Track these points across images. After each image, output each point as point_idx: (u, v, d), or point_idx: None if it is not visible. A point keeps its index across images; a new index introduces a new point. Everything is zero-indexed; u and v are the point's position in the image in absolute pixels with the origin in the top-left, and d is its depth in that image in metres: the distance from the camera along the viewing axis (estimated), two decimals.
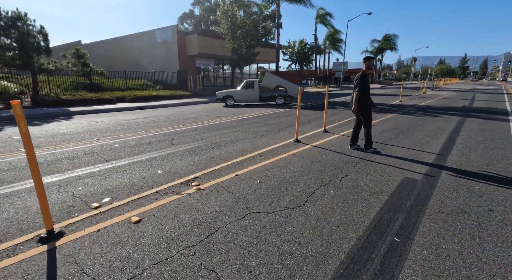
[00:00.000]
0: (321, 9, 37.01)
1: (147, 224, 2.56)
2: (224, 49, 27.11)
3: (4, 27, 13.54)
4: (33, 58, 14.46)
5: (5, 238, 2.35)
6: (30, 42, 14.07)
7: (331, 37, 40.82)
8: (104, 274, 1.90)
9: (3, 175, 3.83)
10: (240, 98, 13.98)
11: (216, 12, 64.83)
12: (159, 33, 26.16)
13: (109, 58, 30.33)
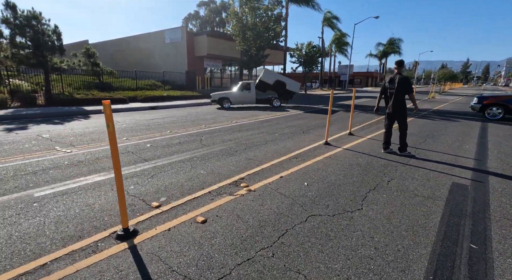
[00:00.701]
0: (328, 13, 37.21)
1: (214, 224, 2.59)
2: (232, 51, 27.21)
3: (20, 26, 13.65)
4: (47, 57, 14.56)
5: (82, 234, 2.39)
6: (44, 41, 14.17)
7: (337, 41, 40.99)
8: (193, 273, 1.93)
9: (52, 173, 3.86)
10: (237, 100, 13.59)
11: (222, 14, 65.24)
12: (168, 34, 26.29)
13: (116, 58, 30.48)
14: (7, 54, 14.54)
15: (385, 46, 57.71)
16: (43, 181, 3.58)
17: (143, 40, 28.53)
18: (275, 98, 14.31)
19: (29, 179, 3.62)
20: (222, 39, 26.11)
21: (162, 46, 26.77)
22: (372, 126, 8.29)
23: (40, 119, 9.56)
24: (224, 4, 66.11)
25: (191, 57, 25.46)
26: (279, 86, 14.43)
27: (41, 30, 14.20)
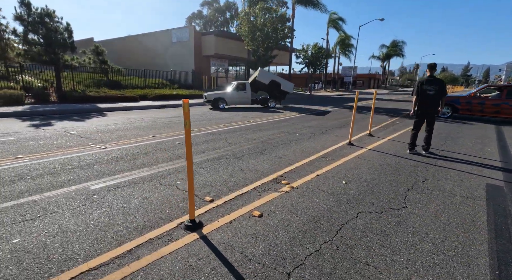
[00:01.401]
0: (334, 14, 37.35)
1: (271, 218, 2.73)
2: (238, 51, 27.36)
3: (33, 23, 13.74)
4: (59, 54, 14.67)
5: (152, 224, 2.53)
6: (56, 38, 14.27)
7: (342, 42, 41.16)
8: (269, 262, 2.06)
9: (97, 168, 3.99)
10: (232, 100, 13.26)
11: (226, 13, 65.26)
12: (176, 33, 26.41)
13: (121, 56, 30.53)
14: (19, 51, 14.66)
15: (388, 48, 57.91)
16: (93, 175, 3.71)
17: (149, 38, 28.64)
18: (270, 99, 14.16)
19: (79, 173, 3.75)
20: (229, 39, 26.24)
21: (169, 45, 26.88)
22: (388, 128, 8.44)
23: (58, 116, 9.68)
24: (228, 4, 66.32)
25: (198, 56, 25.59)
26: (274, 86, 14.33)
27: (54, 27, 14.31)
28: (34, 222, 2.51)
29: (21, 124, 7.40)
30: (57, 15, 14.49)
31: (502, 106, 9.75)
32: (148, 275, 1.90)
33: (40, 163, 4.15)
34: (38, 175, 3.64)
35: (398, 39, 56.94)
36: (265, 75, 14.21)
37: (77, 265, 1.97)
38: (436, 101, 5.08)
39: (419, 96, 5.32)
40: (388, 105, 17.35)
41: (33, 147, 5.04)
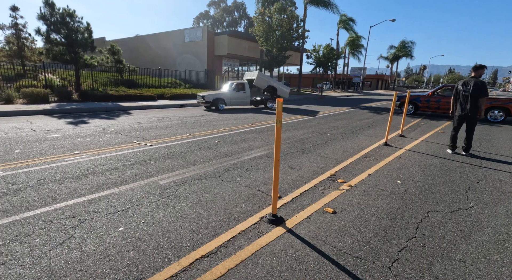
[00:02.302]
0: (344, 15, 37.31)
1: (345, 215, 2.81)
2: (251, 51, 27.48)
3: (56, 23, 14.03)
4: (79, 53, 14.95)
5: (235, 217, 2.64)
6: (77, 38, 14.54)
7: (352, 43, 41.04)
8: (366, 256, 2.14)
9: (155, 164, 4.12)
10: (231, 101, 12.75)
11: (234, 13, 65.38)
12: (188, 33, 26.63)
13: (132, 55, 30.88)
14: (41, 50, 14.98)
15: (397, 49, 57.46)
16: (154, 171, 3.84)
17: (162, 38, 28.92)
18: (269, 100, 13.85)
19: (141, 169, 3.89)
20: (242, 39, 26.38)
21: (182, 45, 27.12)
22: (416, 129, 8.45)
23: (86, 114, 9.90)
24: (236, 4, 66.58)
25: (210, 56, 25.78)
26: (270, 91, 14.08)
27: (75, 27, 14.59)
28: (127, 212, 2.64)
29: (58, 122, 7.60)
30: (77, 15, 14.77)
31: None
32: (257, 264, 2.00)
33: (99, 158, 4.30)
34: (105, 170, 3.79)
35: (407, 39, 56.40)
36: (263, 80, 13.73)
37: (189, 252, 2.09)
38: (473, 102, 5.08)
39: (456, 97, 5.37)
40: None
41: (84, 143, 5.20)
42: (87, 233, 2.30)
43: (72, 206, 2.74)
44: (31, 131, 6.15)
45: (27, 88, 12.15)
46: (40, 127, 6.67)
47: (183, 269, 1.92)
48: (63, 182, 3.30)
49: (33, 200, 2.82)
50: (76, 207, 2.73)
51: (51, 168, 3.75)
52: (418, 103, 12.13)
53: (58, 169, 3.73)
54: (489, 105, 10.44)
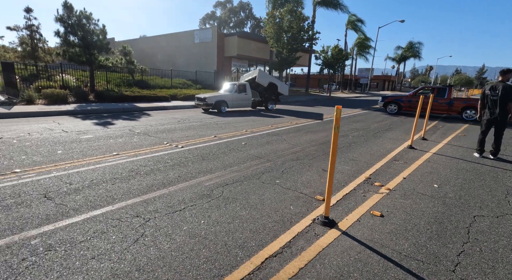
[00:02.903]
0: (353, 16, 37.19)
1: (393, 218, 2.89)
2: (260, 51, 27.61)
3: (73, 25, 14.32)
4: (94, 55, 15.24)
5: (288, 219, 2.74)
6: (93, 40, 14.81)
7: (360, 44, 40.90)
8: (427, 259, 2.21)
9: (192, 165, 4.24)
10: (234, 104, 12.28)
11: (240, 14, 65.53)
12: (198, 34, 26.87)
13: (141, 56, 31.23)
14: (58, 51, 15.30)
15: (404, 49, 57.02)
16: (194, 172, 3.96)
17: (171, 39, 29.21)
18: (270, 101, 13.51)
19: (181, 170, 4.01)
20: (251, 40, 26.52)
21: (191, 46, 27.36)
22: (435, 132, 8.45)
23: (106, 115, 10.10)
24: (242, 5, 66.82)
25: (220, 57, 25.96)
26: (271, 88, 13.69)
27: (91, 30, 14.87)
28: (184, 212, 2.76)
29: (84, 123, 7.80)
30: (93, 18, 15.04)
31: (434, 104, 11.41)
32: (324, 265, 2.10)
33: (138, 160, 4.44)
34: (148, 171, 3.92)
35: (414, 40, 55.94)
36: (264, 77, 13.52)
37: (257, 251, 2.20)
38: (502, 107, 5.10)
39: (484, 101, 5.39)
40: None
41: (118, 145, 5.36)
42: (155, 231, 2.42)
43: (132, 206, 2.87)
44: (63, 132, 6.34)
45: (47, 89, 12.43)
46: (69, 128, 6.86)
47: (257, 268, 2.03)
48: (114, 182, 3.44)
49: (94, 199, 2.96)
50: (136, 206, 2.86)
51: (98, 169, 3.90)
52: (401, 103, 12.94)
53: (105, 170, 3.87)
54: (464, 105, 11.57)
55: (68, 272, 1.90)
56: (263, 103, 13.57)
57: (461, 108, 11.64)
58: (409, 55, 57.18)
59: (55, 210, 2.71)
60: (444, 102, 11.82)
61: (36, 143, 5.18)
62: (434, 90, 12.33)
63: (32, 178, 3.44)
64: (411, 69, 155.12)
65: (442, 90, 12.06)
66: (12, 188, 3.13)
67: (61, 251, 2.10)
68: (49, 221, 2.50)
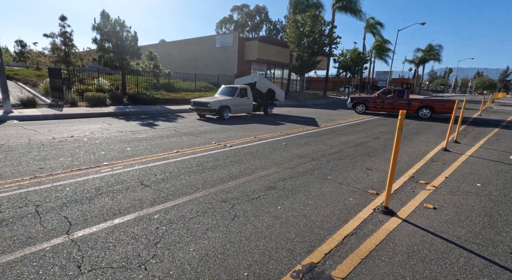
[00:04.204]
0: (371, 19, 37.05)
1: (445, 211, 3.22)
2: (280, 55, 28.12)
3: (108, 33, 15.39)
4: (127, 60, 16.27)
5: (352, 208, 3.15)
6: (125, 46, 15.83)
7: (378, 47, 40.58)
8: (485, 242, 2.55)
9: (248, 162, 4.74)
10: (236, 109, 11.42)
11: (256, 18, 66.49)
12: (219, 39, 27.79)
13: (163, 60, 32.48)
14: (95, 57, 16.47)
15: (424, 52, 55.71)
16: (252, 168, 4.45)
17: (192, 44, 30.32)
18: (269, 105, 13.10)
19: (241, 166, 4.51)
20: (271, 44, 27.12)
21: (212, 50, 28.30)
22: (466, 135, 8.54)
23: (144, 116, 10.88)
24: (258, 9, 67.93)
25: (240, 61, 26.71)
26: (269, 94, 13.22)
27: (124, 36, 15.92)
28: (260, 200, 3.24)
29: (131, 124, 8.55)
30: (126, 25, 16.09)
31: (395, 104, 13.38)
32: (395, 243, 2.49)
33: (199, 156, 4.99)
34: (214, 166, 4.45)
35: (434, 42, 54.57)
36: (263, 83, 12.86)
37: (335, 231, 2.63)
38: None
39: None
40: None
41: (173, 143, 5.95)
42: (244, 213, 2.91)
43: (215, 193, 3.38)
44: (118, 132, 7.05)
45: (89, 93, 13.49)
46: (122, 129, 7.59)
47: (340, 243, 2.45)
48: (190, 175, 3.98)
49: (181, 187, 3.50)
50: (218, 194, 3.37)
51: (169, 163, 4.47)
52: (367, 103, 14.18)
53: (176, 165, 4.44)
54: (420, 105, 12.96)
55: (195, 237, 2.41)
56: (262, 108, 13.08)
57: (418, 108, 13.08)
58: (429, 57, 55.84)
59: (156, 194, 3.27)
60: (404, 103, 13.31)
61: (104, 141, 5.88)
62: (395, 92, 13.80)
63: (122, 169, 4.05)
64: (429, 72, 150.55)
65: (401, 92, 13.64)
66: (112, 177, 3.74)
67: (180, 223, 2.62)
68: (157, 203, 3.05)
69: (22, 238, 2.25)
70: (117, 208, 2.89)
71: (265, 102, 13.09)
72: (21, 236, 2.28)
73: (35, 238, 2.25)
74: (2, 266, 1.93)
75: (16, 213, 2.63)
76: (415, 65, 60.11)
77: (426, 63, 59.09)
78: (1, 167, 3.95)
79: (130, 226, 2.54)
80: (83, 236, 2.34)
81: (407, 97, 13.36)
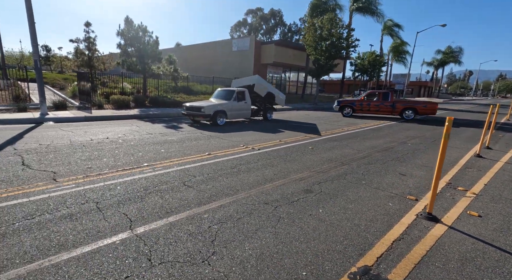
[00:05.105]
0: (390, 21, 36.36)
1: (492, 219, 3.16)
2: (296, 58, 28.17)
3: (131, 38, 16.02)
4: (148, 64, 16.85)
5: (394, 213, 3.16)
6: (147, 50, 16.40)
7: (395, 49, 39.73)
8: None
9: (278, 165, 4.83)
10: (233, 114, 10.30)
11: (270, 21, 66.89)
12: (236, 42, 28.23)
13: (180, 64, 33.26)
14: (118, 61, 17.18)
15: (444, 54, 53.87)
16: (286, 171, 4.53)
17: (209, 47, 30.94)
18: (269, 110, 12.07)
19: (273, 169, 4.61)
20: (288, 47, 27.24)
21: (229, 54, 28.77)
22: (497, 141, 8.21)
23: (167, 118, 11.25)
24: (273, 12, 68.41)
25: (257, 64, 26.97)
26: (268, 98, 12.01)
27: (146, 41, 16.51)
28: (300, 202, 3.32)
29: (158, 126, 8.88)
30: (148, 30, 16.67)
31: (380, 106, 13.90)
32: (445, 249, 2.48)
33: (231, 159, 5.14)
34: (246, 169, 4.58)
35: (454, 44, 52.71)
36: (262, 85, 11.70)
37: (382, 235, 2.66)
38: None
39: None
40: (466, 116, 16.41)
41: (204, 146, 6.15)
42: (288, 215, 2.99)
43: (256, 195, 3.49)
44: (148, 134, 7.36)
45: (115, 96, 14.10)
46: (150, 131, 7.90)
47: (389, 247, 2.48)
48: (227, 177, 4.12)
49: (222, 189, 3.64)
50: (258, 196, 3.48)
51: (205, 165, 4.64)
52: (354, 106, 14.48)
53: (211, 167, 4.60)
54: (404, 106, 13.57)
55: (247, 236, 2.52)
56: (261, 112, 12.07)
57: (402, 110, 13.63)
58: (449, 60, 53.95)
59: (200, 195, 3.42)
60: (389, 105, 13.76)
61: (138, 143, 6.16)
62: (380, 95, 14.20)
63: (162, 170, 4.25)
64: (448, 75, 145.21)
65: (386, 95, 14.06)
66: (155, 177, 3.94)
67: (230, 223, 2.75)
68: (203, 203, 3.19)
69: (93, 232, 2.44)
70: (168, 206, 3.05)
71: (264, 107, 12.06)
72: (91, 229, 2.48)
73: (104, 232, 2.44)
74: (84, 256, 2.11)
75: (81, 209, 2.85)
76: (433, 68, 58.27)
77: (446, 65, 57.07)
78: (55, 165, 4.27)
79: (184, 224, 2.69)
80: (145, 232, 2.51)
81: (391, 100, 13.81)
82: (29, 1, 9.50)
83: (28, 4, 9.48)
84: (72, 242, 2.29)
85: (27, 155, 4.84)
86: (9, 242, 2.27)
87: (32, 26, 9.70)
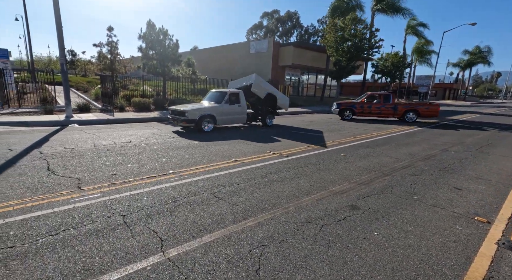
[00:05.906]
0: (413, 20, 34.73)
1: None
2: (315, 60, 27.50)
3: (152, 41, 16.17)
4: (168, 66, 16.94)
5: (466, 240, 2.63)
6: (168, 53, 16.48)
7: (419, 49, 37.94)
8: None
9: (312, 173, 4.41)
10: (224, 119, 8.98)
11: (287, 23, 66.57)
12: (254, 45, 28.04)
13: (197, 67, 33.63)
14: (139, 64, 17.43)
15: (471, 54, 50.82)
16: (322, 182, 4.09)
17: (227, 50, 30.99)
18: (268, 115, 10.46)
19: (309, 180, 4.17)
20: (306, 49, 26.66)
21: (247, 56, 28.62)
22: None
23: None
24: (289, 14, 67.97)
25: (274, 66, 26.61)
26: (269, 101, 10.48)
27: (166, 44, 16.63)
28: (347, 222, 2.87)
29: (179, 129, 8.70)
30: (169, 34, 16.77)
31: (382, 109, 13.36)
32: None
33: (259, 167, 4.76)
34: (278, 178, 4.18)
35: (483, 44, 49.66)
36: (261, 85, 10.28)
37: (463, 271, 2.15)
38: None
39: None
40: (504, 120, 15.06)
41: (229, 151, 5.83)
42: (337, 238, 2.55)
43: (295, 211, 3.07)
44: (171, 138, 7.17)
45: (136, 98, 14.25)
46: (172, 134, 7.72)
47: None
48: (260, 187, 3.75)
49: (256, 202, 3.27)
50: (298, 212, 3.06)
51: (233, 173, 4.30)
52: (354, 109, 13.70)
53: (241, 175, 4.25)
54: (406, 109, 13.12)
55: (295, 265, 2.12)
56: (259, 117, 10.54)
57: (404, 112, 13.17)
58: (477, 61, 50.83)
59: (234, 209, 3.06)
60: (390, 107, 13.28)
61: (161, 147, 5.95)
62: (381, 97, 13.58)
63: (189, 179, 3.96)
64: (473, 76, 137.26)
65: (387, 97, 13.44)
66: (183, 187, 3.65)
67: (273, 247, 2.36)
68: (238, 220, 2.83)
69: (121, 253, 2.15)
70: (200, 223, 2.72)
71: (263, 111, 10.41)
72: (119, 250, 2.19)
73: (133, 254, 2.14)
74: None
75: (107, 224, 2.58)
76: (460, 69, 55.16)
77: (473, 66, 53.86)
78: (80, 171, 4.10)
79: (221, 246, 2.33)
80: (178, 255, 2.17)
81: (393, 101, 13.37)
82: (57, 5, 9.74)
83: (56, 8, 9.72)
84: (98, 266, 2.00)
85: (52, 159, 4.73)
86: (32, 263, 2.01)
87: (60, 30, 9.92)
